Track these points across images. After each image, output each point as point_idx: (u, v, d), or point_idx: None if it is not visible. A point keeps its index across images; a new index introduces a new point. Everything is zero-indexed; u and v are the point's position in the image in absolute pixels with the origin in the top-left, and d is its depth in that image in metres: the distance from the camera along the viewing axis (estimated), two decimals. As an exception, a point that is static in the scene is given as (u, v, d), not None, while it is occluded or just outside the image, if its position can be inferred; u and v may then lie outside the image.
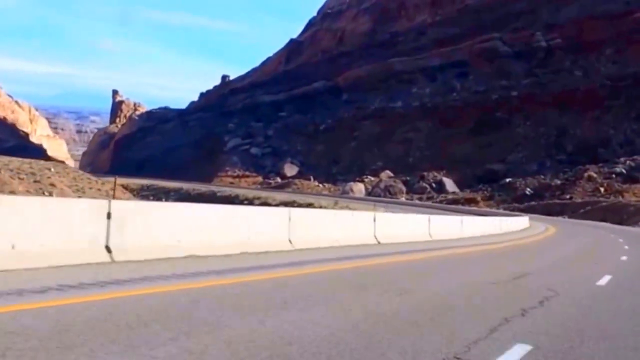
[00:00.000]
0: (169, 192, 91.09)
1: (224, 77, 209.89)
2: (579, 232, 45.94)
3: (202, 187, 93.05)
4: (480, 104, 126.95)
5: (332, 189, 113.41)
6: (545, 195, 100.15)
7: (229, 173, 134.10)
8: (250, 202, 74.09)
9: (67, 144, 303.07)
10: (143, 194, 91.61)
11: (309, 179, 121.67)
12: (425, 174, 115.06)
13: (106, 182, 69.84)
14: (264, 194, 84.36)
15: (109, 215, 9.49)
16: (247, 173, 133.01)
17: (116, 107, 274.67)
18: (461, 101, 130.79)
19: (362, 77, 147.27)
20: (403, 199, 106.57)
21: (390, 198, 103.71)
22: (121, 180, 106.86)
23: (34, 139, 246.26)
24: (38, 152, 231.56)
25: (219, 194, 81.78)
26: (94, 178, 72.92)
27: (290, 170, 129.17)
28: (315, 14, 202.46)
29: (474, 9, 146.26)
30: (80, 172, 71.93)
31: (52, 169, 66.64)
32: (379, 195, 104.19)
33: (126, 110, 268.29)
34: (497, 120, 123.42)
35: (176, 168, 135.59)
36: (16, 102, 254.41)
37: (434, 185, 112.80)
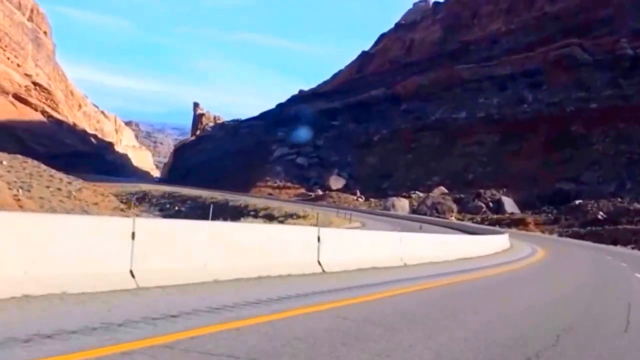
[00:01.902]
0: (186, 201, 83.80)
1: (300, 91, 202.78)
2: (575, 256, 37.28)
3: (218, 196, 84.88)
4: (553, 116, 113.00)
5: (372, 204, 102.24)
6: (622, 221, 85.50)
7: (269, 183, 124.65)
8: (256, 212, 65.71)
9: (164, 156, 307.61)
10: (160, 201, 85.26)
11: (355, 194, 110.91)
12: (481, 191, 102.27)
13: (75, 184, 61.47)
14: (275, 204, 74.85)
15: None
16: (288, 184, 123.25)
17: (197, 119, 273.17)
18: (532, 113, 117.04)
19: (424, 86, 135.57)
20: (453, 219, 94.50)
21: (437, 216, 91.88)
22: (147, 187, 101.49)
23: (118, 148, 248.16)
24: (121, 161, 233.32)
25: (230, 204, 73.64)
26: (66, 178, 64.68)
27: (335, 182, 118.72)
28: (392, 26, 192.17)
29: (554, 15, 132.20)
30: (49, 170, 63.91)
31: (4, 162, 58.89)
32: (424, 214, 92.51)
33: (205, 123, 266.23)
34: (571, 135, 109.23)
35: (219, 176, 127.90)
36: (102, 112, 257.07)
37: (491, 204, 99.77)
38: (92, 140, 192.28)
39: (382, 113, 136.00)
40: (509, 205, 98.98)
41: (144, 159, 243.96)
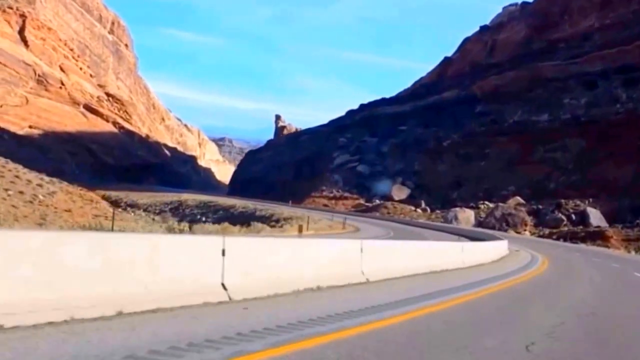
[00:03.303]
0: (218, 210, 77.35)
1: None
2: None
3: (250, 205, 78.25)
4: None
5: (433, 216, 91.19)
6: None
7: (324, 193, 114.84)
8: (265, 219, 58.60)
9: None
10: (193, 211, 79.21)
11: (419, 205, 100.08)
12: (563, 201, 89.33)
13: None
14: (300, 212, 66.27)
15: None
16: (346, 194, 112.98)
17: (278, 132, 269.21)
18: (626, 114, 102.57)
19: (503, 86, 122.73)
20: (527, 233, 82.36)
21: (505, 230, 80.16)
22: (188, 197, 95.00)
23: (202, 162, 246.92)
24: (204, 174, 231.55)
25: (257, 213, 66.80)
26: (38, 180, 57.80)
27: (399, 192, 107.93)
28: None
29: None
30: (17, 169, 57.16)
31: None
32: (492, 227, 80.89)
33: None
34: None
35: (276, 186, 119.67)
36: (185, 125, 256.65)
37: (573, 216, 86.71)
38: (166, 152, 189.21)
39: (455, 116, 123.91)
40: (595, 217, 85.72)
41: (227, 173, 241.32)
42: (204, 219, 68.63)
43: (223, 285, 9.28)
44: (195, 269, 9.01)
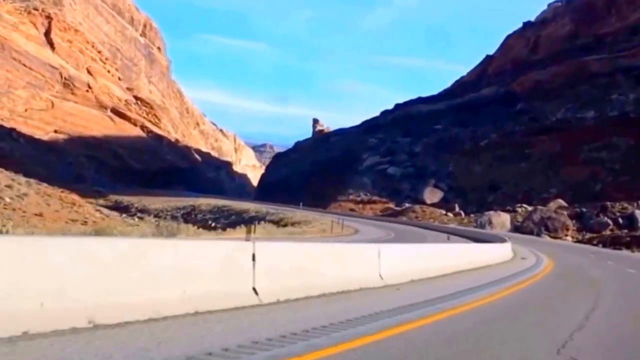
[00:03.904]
0: (231, 215, 73.40)
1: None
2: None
3: (263, 209, 74.17)
4: None
5: (465, 220, 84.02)
6: None
7: (351, 197, 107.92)
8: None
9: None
10: (206, 216, 75.05)
11: (452, 209, 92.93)
12: (609, 204, 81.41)
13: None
14: (311, 216, 61.12)
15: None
16: (375, 198, 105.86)
17: (315, 136, 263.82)
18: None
19: (544, 82, 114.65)
20: (569, 238, 74.82)
21: (545, 235, 72.85)
22: (202, 201, 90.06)
23: (237, 168, 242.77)
24: (239, 180, 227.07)
25: (268, 217, 62.54)
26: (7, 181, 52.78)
27: (431, 196, 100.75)
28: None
29: None
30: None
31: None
32: (530, 232, 73.68)
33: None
34: None
35: (302, 190, 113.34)
36: (220, 130, 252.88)
37: (620, 220, 78.76)
38: (197, 157, 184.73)
39: (493, 115, 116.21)
40: (645, 221, 77.78)
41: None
42: (214, 223, 64.20)
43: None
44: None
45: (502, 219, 78.42)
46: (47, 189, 58.50)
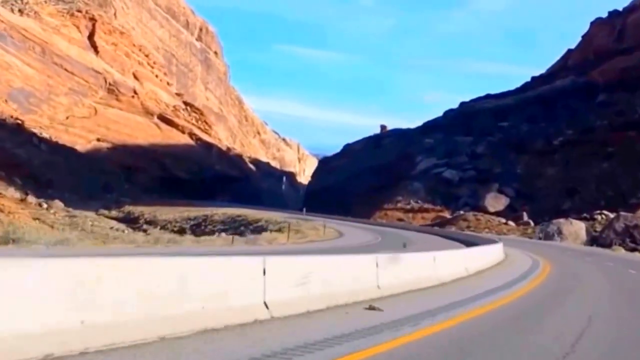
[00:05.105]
0: (242, 225, 63.82)
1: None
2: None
3: (279, 218, 65.47)
4: None
5: (529, 230, 69.57)
6: None
7: (400, 205, 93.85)
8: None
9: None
10: (216, 227, 66.82)
11: (520, 217, 78.36)
12: None
13: None
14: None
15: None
16: (427, 205, 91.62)
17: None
18: None
19: (632, 69, 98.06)
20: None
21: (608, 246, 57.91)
22: (217, 211, 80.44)
23: (301, 178, 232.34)
24: (303, 190, 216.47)
25: (269, 227, 55.35)
26: None
27: (494, 202, 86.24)
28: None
29: None
30: None
31: None
32: (610, 243, 58.90)
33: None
34: None
35: (346, 198, 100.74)
36: (283, 139, 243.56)
37: None
38: (251, 166, 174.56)
39: (569, 109, 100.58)
40: None
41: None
42: (217, 234, 55.59)
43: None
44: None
45: (574, 229, 63.82)
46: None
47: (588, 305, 15.19)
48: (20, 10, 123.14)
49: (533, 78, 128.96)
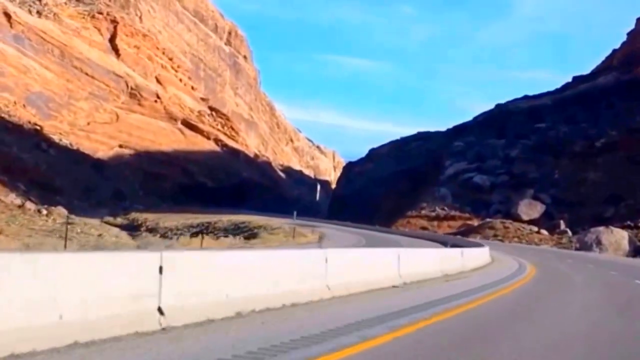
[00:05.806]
0: (242, 232, 60.59)
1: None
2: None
3: (286, 226, 62.42)
4: None
5: (564, 239, 62.36)
6: None
7: (424, 212, 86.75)
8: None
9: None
10: (218, 234, 63.21)
11: (557, 226, 71.06)
12: None
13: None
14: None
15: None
16: (454, 212, 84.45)
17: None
18: None
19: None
20: None
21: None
22: (220, 218, 76.06)
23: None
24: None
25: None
26: None
27: (529, 210, 78.80)
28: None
29: None
30: None
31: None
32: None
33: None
34: None
35: (370, 205, 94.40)
36: (318, 147, 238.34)
37: None
38: (280, 174, 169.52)
39: (613, 108, 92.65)
40: None
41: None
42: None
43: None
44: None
45: (616, 238, 56.69)
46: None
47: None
48: (38, 12, 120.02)
49: (574, 78, 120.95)
